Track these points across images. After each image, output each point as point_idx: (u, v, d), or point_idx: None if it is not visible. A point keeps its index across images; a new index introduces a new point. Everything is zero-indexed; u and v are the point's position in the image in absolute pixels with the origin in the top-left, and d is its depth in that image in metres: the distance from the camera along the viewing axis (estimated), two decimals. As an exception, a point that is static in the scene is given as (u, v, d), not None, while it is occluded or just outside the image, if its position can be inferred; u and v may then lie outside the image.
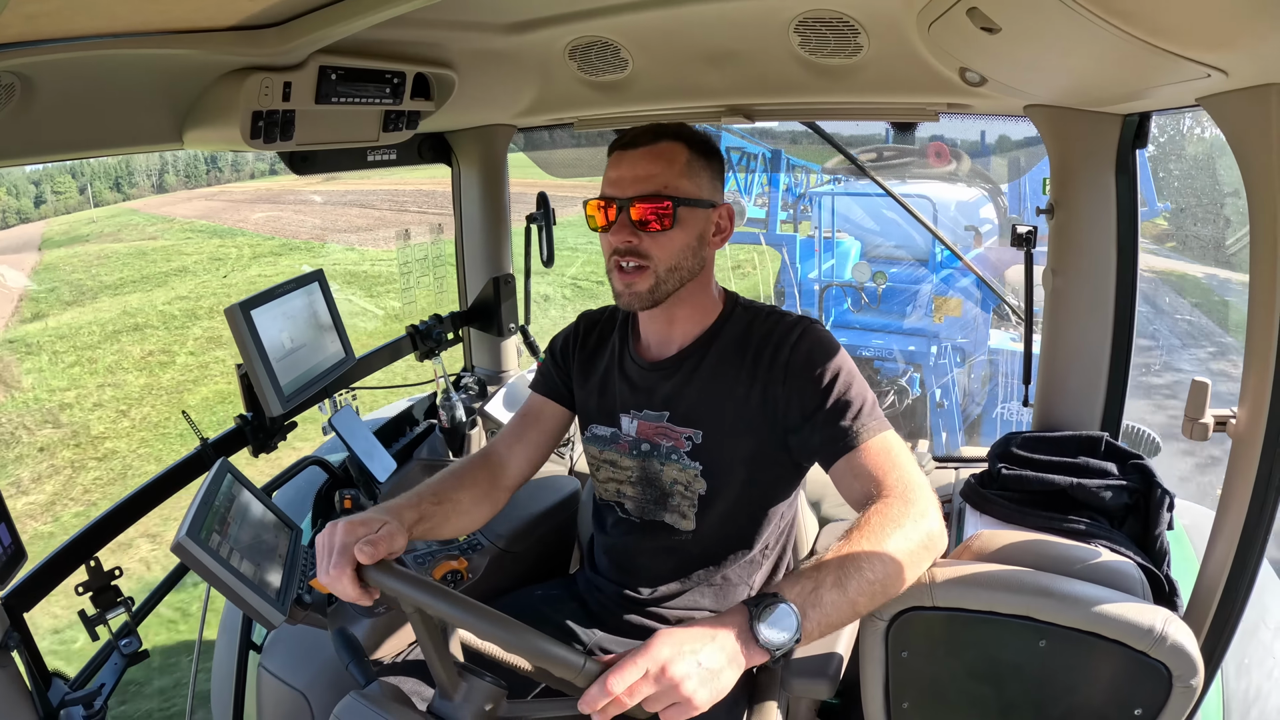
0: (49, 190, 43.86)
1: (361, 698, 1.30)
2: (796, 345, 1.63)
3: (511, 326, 3.11)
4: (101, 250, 23.76)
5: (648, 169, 1.62)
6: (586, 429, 1.87)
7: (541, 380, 1.94)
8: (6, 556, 1.47)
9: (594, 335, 1.91)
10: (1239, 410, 1.43)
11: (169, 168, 45.82)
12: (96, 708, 1.64)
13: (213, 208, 32.12)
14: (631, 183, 1.62)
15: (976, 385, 8.63)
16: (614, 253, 1.64)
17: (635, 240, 1.61)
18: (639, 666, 1.11)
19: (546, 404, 1.90)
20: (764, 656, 1.17)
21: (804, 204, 9.68)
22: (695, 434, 1.71)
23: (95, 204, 42.20)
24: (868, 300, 8.50)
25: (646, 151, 1.64)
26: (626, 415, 1.80)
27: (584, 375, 1.88)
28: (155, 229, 28.11)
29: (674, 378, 1.74)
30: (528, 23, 1.94)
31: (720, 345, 1.72)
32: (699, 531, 1.75)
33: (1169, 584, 1.64)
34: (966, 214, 8.78)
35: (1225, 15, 0.94)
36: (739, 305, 1.77)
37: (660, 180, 1.61)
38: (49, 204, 44.15)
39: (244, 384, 2.02)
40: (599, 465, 1.85)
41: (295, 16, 1.44)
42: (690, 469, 1.72)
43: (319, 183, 33.08)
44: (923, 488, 1.42)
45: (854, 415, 1.54)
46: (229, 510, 1.44)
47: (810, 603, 1.21)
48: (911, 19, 1.60)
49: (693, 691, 1.11)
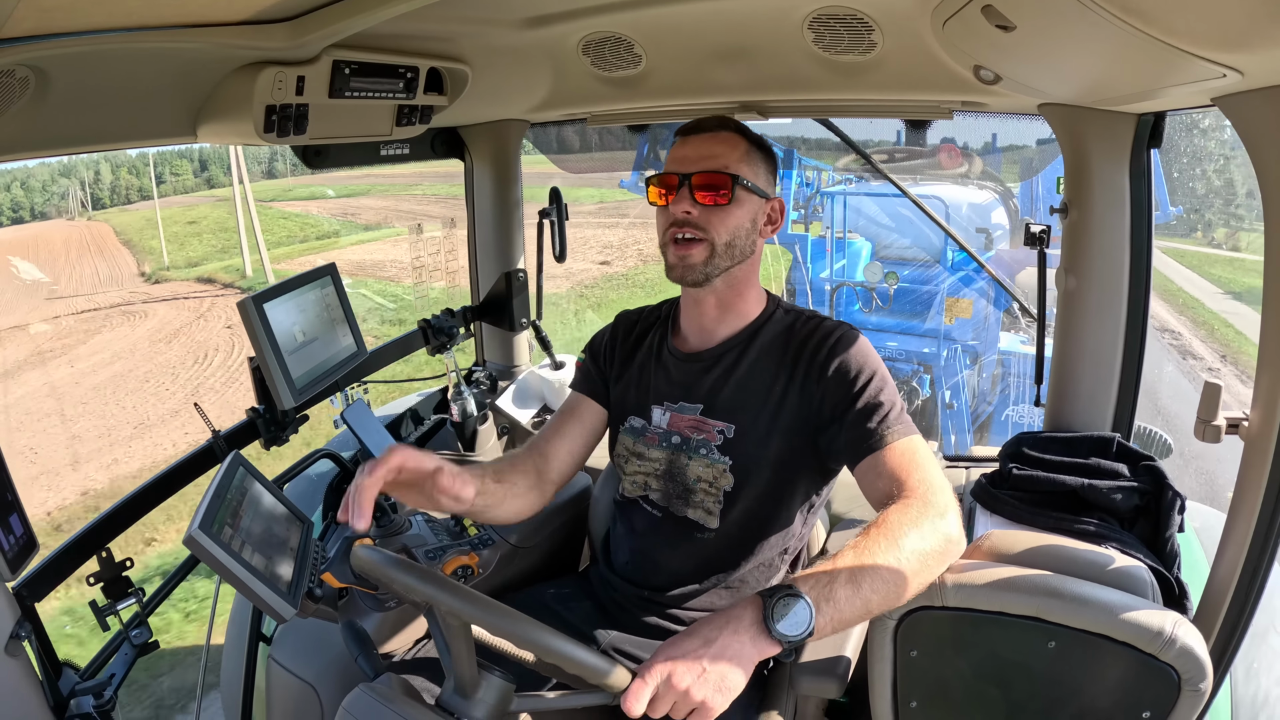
0: (168, 171, 45.76)
1: (370, 690, 1.30)
2: (834, 347, 1.66)
3: (524, 321, 3.11)
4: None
5: (711, 149, 1.70)
6: (623, 422, 1.89)
7: (582, 380, 1.96)
8: (19, 546, 1.48)
9: (633, 333, 1.94)
10: (1251, 413, 1.43)
11: (278, 156, 48.23)
12: (106, 697, 1.65)
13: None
14: (695, 160, 1.69)
15: (986, 386, 8.60)
16: (672, 224, 1.70)
17: (694, 212, 1.67)
18: (648, 683, 1.12)
19: (587, 402, 1.92)
20: (775, 649, 1.17)
21: (816, 203, 9.65)
22: (728, 428, 1.73)
23: (210, 185, 46.46)
24: (879, 301, 8.47)
25: (710, 136, 1.72)
26: (659, 407, 1.82)
27: (621, 371, 1.90)
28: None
29: (713, 371, 1.77)
30: (542, 18, 1.94)
31: (760, 343, 1.75)
32: (721, 530, 1.76)
33: (1179, 587, 1.64)
34: (978, 216, 8.74)
35: (1241, 15, 0.93)
36: (780, 307, 1.81)
37: (722, 160, 1.68)
38: (168, 183, 49.07)
39: (256, 377, 2.03)
40: (628, 458, 1.86)
41: (309, 11, 1.44)
42: (719, 463, 1.73)
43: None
44: (944, 491, 1.41)
45: (882, 417, 1.55)
46: (241, 503, 1.45)
47: (824, 597, 1.20)
48: (926, 16, 1.59)
49: (703, 697, 1.12)
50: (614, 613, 1.87)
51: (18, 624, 1.51)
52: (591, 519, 2.36)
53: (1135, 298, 2.04)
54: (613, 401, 1.91)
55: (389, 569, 1.26)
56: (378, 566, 1.27)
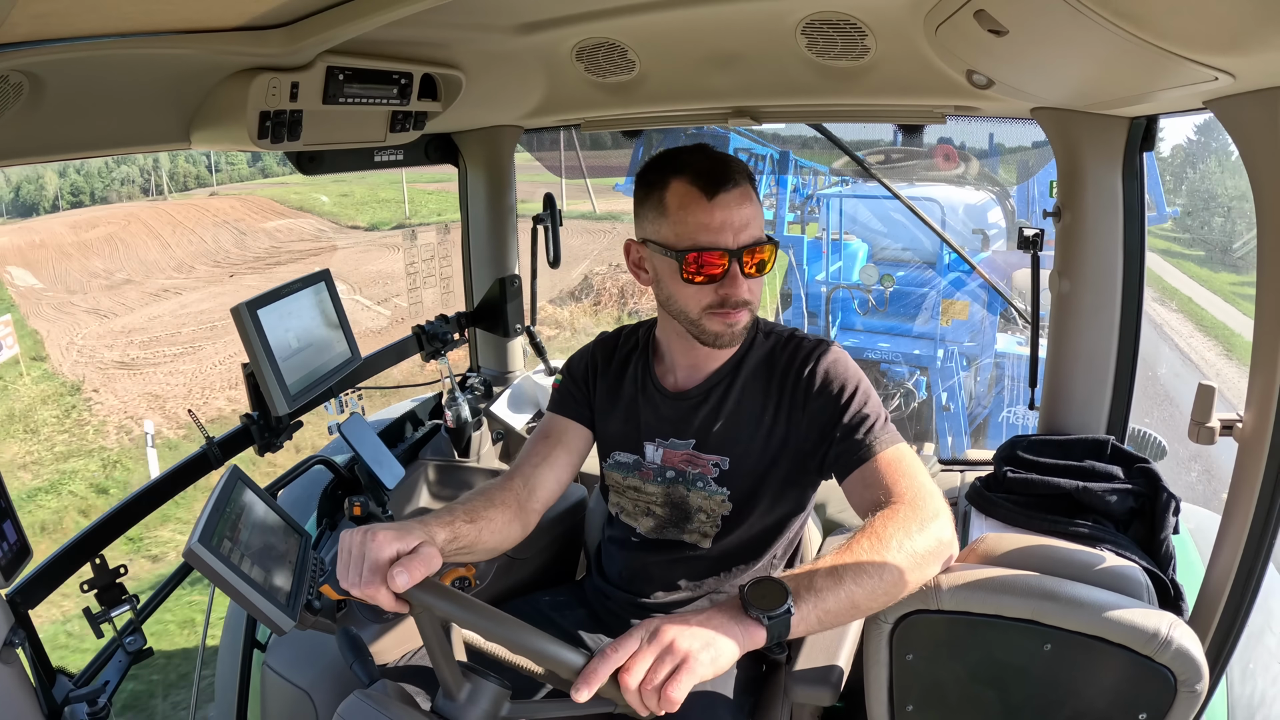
0: (224, 160, 49.55)
1: (365, 697, 1.30)
2: (815, 367, 1.64)
3: (518, 327, 3.10)
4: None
5: (746, 213, 1.56)
6: (608, 456, 1.86)
7: (560, 401, 1.87)
8: (12, 553, 1.48)
9: (614, 361, 1.87)
10: (1245, 414, 1.43)
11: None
12: (100, 705, 1.64)
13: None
14: (739, 230, 1.55)
15: (982, 389, 8.61)
16: (724, 304, 1.58)
17: (748, 293, 1.59)
18: (634, 637, 1.13)
19: (569, 424, 1.83)
20: (758, 629, 1.17)
21: (811, 205, 9.66)
22: (722, 460, 1.72)
23: (264, 175, 49.51)
24: (875, 303, 8.48)
25: (740, 193, 1.56)
26: (651, 443, 1.79)
27: (608, 401, 1.84)
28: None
29: (703, 408, 1.74)
30: (535, 24, 1.93)
31: (745, 374, 1.72)
32: (714, 549, 1.77)
33: (1174, 588, 1.64)
34: (974, 217, 8.76)
35: (1233, 18, 0.94)
36: (760, 330, 1.76)
37: (757, 224, 1.58)
38: (224, 171, 51.32)
39: (250, 383, 2.02)
40: (622, 490, 1.85)
41: (303, 17, 1.44)
42: (717, 495, 1.73)
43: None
44: (933, 495, 1.42)
45: (868, 429, 1.55)
46: (240, 517, 1.45)
47: (803, 585, 1.22)
48: (919, 21, 1.59)
49: (688, 648, 1.12)
50: (607, 620, 1.88)
51: (11, 631, 1.51)
52: (587, 529, 2.36)
53: (1129, 300, 2.04)
54: (598, 431, 1.86)
55: None
56: None
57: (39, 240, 32.21)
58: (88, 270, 26.88)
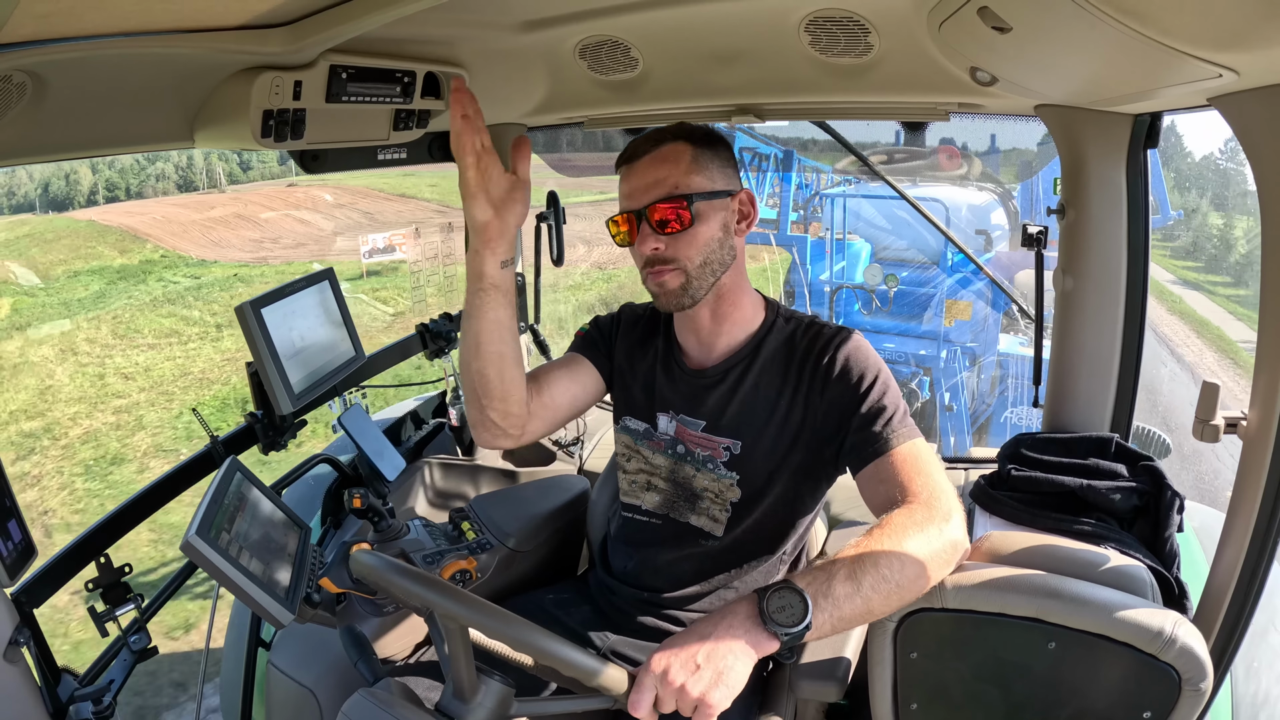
0: (255, 159, 50.55)
1: (369, 695, 1.30)
2: (835, 354, 1.64)
3: (521, 325, 3.10)
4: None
5: (655, 174, 1.63)
6: (620, 419, 1.88)
7: (583, 345, 1.90)
8: (17, 553, 1.48)
9: (638, 329, 1.90)
10: (1250, 412, 1.42)
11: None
12: (105, 704, 1.65)
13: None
14: (643, 191, 1.63)
15: (985, 388, 8.61)
16: (645, 264, 1.66)
17: (661, 246, 1.61)
18: (646, 684, 1.13)
19: (587, 364, 1.87)
20: (773, 643, 1.17)
21: (815, 204, 9.66)
22: (734, 444, 1.71)
23: (296, 173, 49.18)
24: (879, 303, 8.48)
25: (650, 158, 1.65)
26: (665, 414, 1.80)
27: (628, 364, 1.87)
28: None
29: (718, 388, 1.74)
30: (538, 21, 1.93)
31: (764, 357, 1.72)
32: (727, 538, 1.75)
33: (1179, 586, 1.64)
34: (977, 217, 8.76)
35: (1237, 15, 0.93)
36: (780, 315, 1.77)
37: (670, 181, 1.61)
38: (255, 169, 53.63)
39: (254, 382, 2.02)
40: (630, 455, 1.85)
41: (306, 15, 1.44)
42: (726, 478, 1.72)
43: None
44: (948, 495, 1.41)
45: (886, 421, 1.54)
46: (238, 509, 1.45)
47: (822, 593, 1.20)
48: (922, 18, 1.59)
49: (702, 692, 1.12)
50: (613, 616, 1.87)
51: (16, 630, 1.51)
52: (589, 523, 2.35)
53: (1133, 298, 2.04)
54: (615, 391, 1.89)
55: (387, 574, 1.25)
56: (376, 571, 1.27)
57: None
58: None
